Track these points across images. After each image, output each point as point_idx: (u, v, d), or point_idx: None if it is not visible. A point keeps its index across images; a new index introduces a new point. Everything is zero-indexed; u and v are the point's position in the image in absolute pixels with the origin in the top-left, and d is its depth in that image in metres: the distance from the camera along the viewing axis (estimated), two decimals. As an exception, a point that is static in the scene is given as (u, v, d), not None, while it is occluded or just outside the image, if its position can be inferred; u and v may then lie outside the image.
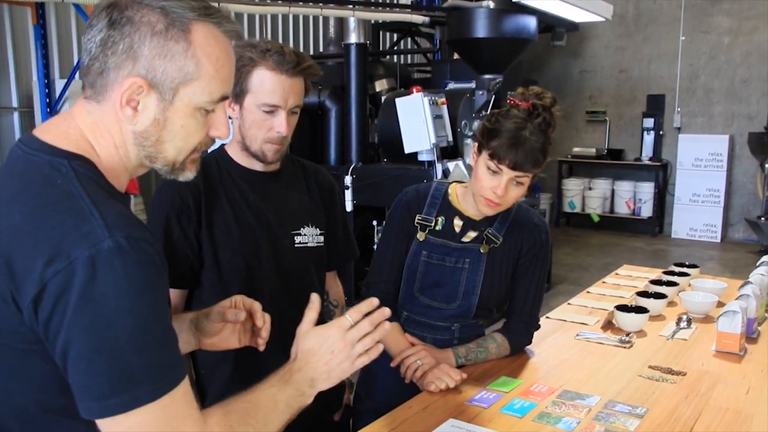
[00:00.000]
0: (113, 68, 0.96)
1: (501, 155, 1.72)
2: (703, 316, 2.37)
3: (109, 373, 0.87)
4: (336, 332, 1.18)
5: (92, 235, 0.86)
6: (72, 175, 0.93)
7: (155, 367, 0.90)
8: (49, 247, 0.85)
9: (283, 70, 1.61)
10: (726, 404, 1.69)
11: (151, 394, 0.89)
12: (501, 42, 5.58)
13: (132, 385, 0.88)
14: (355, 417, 1.97)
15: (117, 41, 0.95)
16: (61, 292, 0.84)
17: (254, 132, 1.65)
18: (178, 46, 0.96)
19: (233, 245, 1.68)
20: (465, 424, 1.56)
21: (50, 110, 5.42)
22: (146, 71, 0.96)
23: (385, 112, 5.70)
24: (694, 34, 8.88)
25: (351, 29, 5.88)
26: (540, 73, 9.76)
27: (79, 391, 0.89)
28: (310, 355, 1.16)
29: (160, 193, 1.69)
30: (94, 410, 0.88)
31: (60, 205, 0.89)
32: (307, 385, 1.14)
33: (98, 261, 0.85)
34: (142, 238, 0.90)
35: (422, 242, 1.90)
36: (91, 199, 0.90)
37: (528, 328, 1.98)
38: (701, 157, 8.74)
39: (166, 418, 0.90)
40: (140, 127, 0.99)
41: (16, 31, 5.57)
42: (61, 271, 0.84)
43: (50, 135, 0.98)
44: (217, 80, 1.01)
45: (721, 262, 7.63)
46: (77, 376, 0.88)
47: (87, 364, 0.87)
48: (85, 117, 1.00)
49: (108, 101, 0.98)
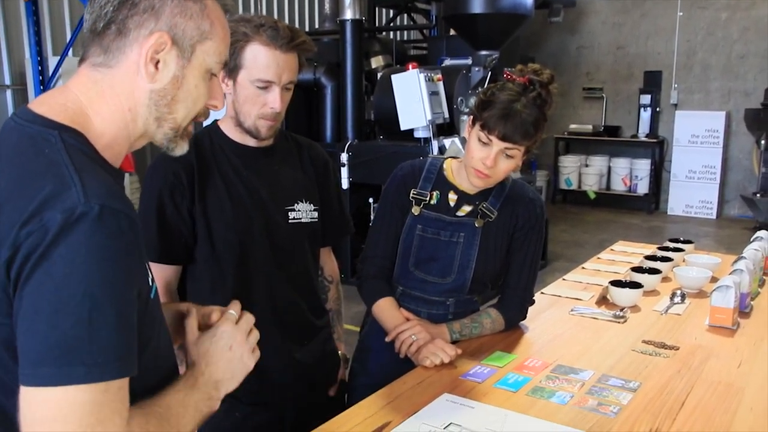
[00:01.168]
0: (134, 28, 0.97)
1: (491, 126, 1.72)
2: (697, 291, 2.38)
3: (45, 338, 0.82)
4: (228, 327, 1.14)
5: (69, 201, 0.85)
6: (60, 145, 0.92)
7: (96, 348, 0.84)
8: (28, 210, 0.85)
9: (277, 46, 1.59)
10: (718, 378, 1.70)
11: (86, 375, 0.83)
12: (497, 18, 5.54)
13: (66, 358, 0.82)
14: (350, 392, 1.99)
15: (138, 2, 0.97)
16: (29, 252, 0.83)
17: (248, 108, 1.64)
18: (195, 6, 1.00)
19: (226, 221, 1.68)
20: (459, 399, 1.57)
21: (43, 87, 5.40)
22: (168, 27, 0.99)
23: (381, 89, 5.68)
24: (692, 10, 8.83)
25: (346, 5, 5.84)
26: (537, 50, 9.71)
27: (20, 355, 0.85)
28: (208, 356, 1.11)
29: (153, 169, 1.68)
30: (27, 377, 0.83)
31: (44, 172, 0.89)
32: (213, 388, 1.09)
33: (67, 225, 0.83)
34: (120, 210, 0.88)
35: (417, 216, 1.90)
36: (75, 167, 0.89)
37: (523, 303, 1.99)
38: (698, 134, 8.73)
39: (94, 405, 0.84)
40: (159, 84, 1.01)
41: (7, 9, 5.52)
42: (34, 232, 0.83)
43: (45, 107, 0.98)
44: (225, 43, 1.06)
45: (716, 238, 7.66)
46: (20, 337, 0.85)
47: (28, 324, 0.83)
48: (88, 88, 1.00)
49: (123, 63, 0.99)
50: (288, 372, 1.78)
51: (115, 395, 0.87)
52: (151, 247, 1.64)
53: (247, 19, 1.61)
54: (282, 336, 1.76)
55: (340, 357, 1.99)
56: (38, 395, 0.83)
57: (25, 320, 0.84)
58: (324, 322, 1.91)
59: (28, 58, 5.52)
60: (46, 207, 0.84)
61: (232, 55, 1.59)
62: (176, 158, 1.63)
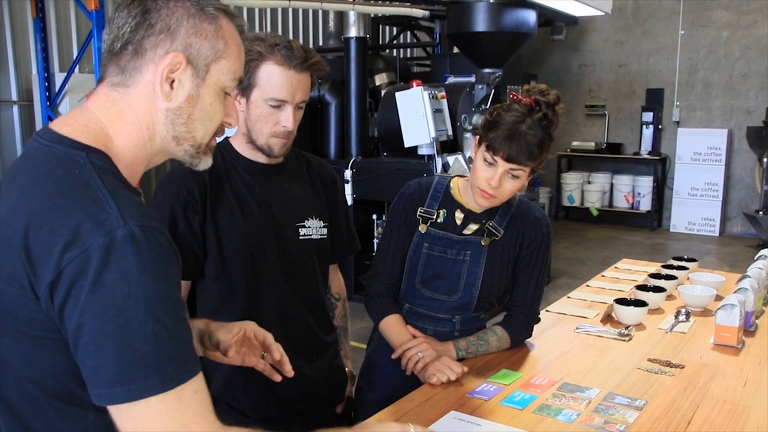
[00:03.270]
0: (150, 48, 1.00)
1: (496, 147, 1.74)
2: (702, 310, 2.39)
3: (117, 359, 0.87)
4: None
5: (108, 223, 0.88)
6: (90, 166, 0.95)
7: (164, 358, 0.89)
8: (66, 233, 0.87)
9: (292, 65, 1.61)
10: (724, 396, 1.71)
11: (159, 386, 0.88)
12: (500, 36, 5.59)
13: (140, 373, 0.88)
14: (357, 409, 1.99)
15: (154, 23, 1.00)
16: (76, 278, 0.86)
17: (260, 126, 1.66)
18: (210, 27, 1.03)
19: (238, 237, 1.69)
20: (466, 416, 1.58)
21: (50, 104, 5.43)
22: (183, 48, 1.01)
23: (384, 106, 5.71)
24: (693, 28, 8.89)
25: (351, 23, 5.88)
26: (539, 67, 9.77)
27: (89, 377, 0.89)
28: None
29: (165, 184, 1.69)
30: (103, 397, 0.89)
31: (77, 193, 0.91)
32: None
33: (112, 248, 0.86)
34: (155, 227, 0.92)
35: (424, 234, 1.92)
36: (108, 189, 0.92)
37: (528, 321, 2.00)
38: (700, 151, 8.75)
39: (174, 413, 0.90)
40: (175, 103, 1.03)
41: (15, 25, 5.56)
42: (77, 257, 0.86)
43: (68, 128, 1.00)
44: (239, 62, 1.09)
45: (719, 255, 7.66)
46: (88, 362, 0.88)
47: (97, 349, 0.87)
48: (107, 107, 1.02)
49: (140, 83, 1.02)
50: (296, 388, 1.78)
51: (192, 399, 0.91)
52: None
53: (261, 38, 1.63)
54: (290, 352, 1.75)
55: (347, 374, 1.99)
56: (129, 411, 0.89)
57: (93, 346, 0.88)
58: (332, 338, 1.91)
59: (35, 74, 5.56)
60: (86, 230, 0.87)
61: (246, 73, 1.61)
62: (189, 174, 1.67)
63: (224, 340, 1.38)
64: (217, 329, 1.40)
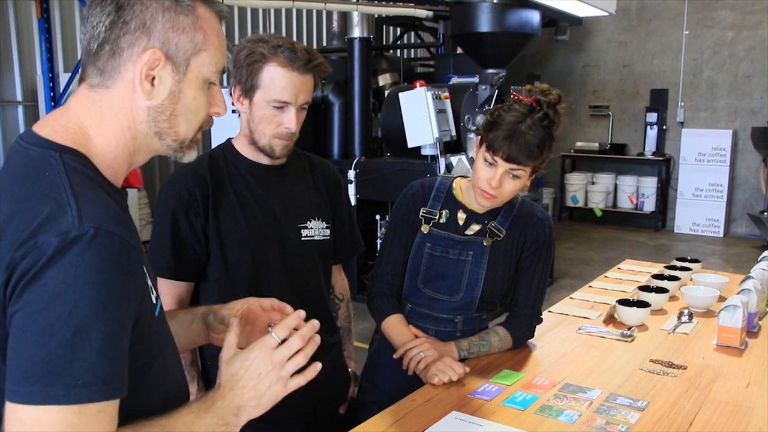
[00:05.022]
0: (127, 47, 0.98)
1: (496, 147, 1.75)
2: (705, 311, 2.39)
3: (30, 357, 0.83)
4: (261, 353, 1.09)
5: (63, 224, 0.86)
6: (60, 167, 0.93)
7: (77, 369, 0.84)
8: (24, 234, 0.86)
9: (294, 67, 1.61)
10: (726, 398, 1.71)
11: (64, 396, 0.83)
12: (504, 36, 5.58)
13: (48, 378, 0.82)
14: (359, 409, 1.99)
15: (128, 21, 0.97)
16: (23, 273, 0.84)
17: (263, 127, 1.66)
18: (187, 19, 1.00)
19: (240, 238, 1.69)
20: (468, 417, 1.58)
21: (54, 104, 5.45)
22: (161, 44, 0.99)
23: (388, 107, 5.71)
24: (698, 29, 8.87)
25: (354, 23, 5.89)
26: (543, 68, 9.76)
27: (7, 372, 0.85)
28: (234, 381, 1.07)
29: (168, 187, 1.70)
30: (10, 394, 0.84)
31: (43, 196, 0.90)
32: (232, 414, 1.05)
33: (61, 248, 0.84)
34: (115, 233, 0.88)
35: (426, 234, 1.92)
36: (73, 191, 0.90)
37: (530, 322, 2.00)
38: (704, 152, 8.73)
39: (69, 427, 0.84)
40: (156, 101, 1.01)
41: (20, 25, 5.58)
42: (29, 254, 0.84)
43: (47, 129, 0.98)
44: (221, 51, 1.06)
45: (723, 257, 7.64)
46: (9, 353, 0.85)
47: (15, 342, 0.84)
48: (87, 108, 1.00)
49: (120, 82, 1.00)
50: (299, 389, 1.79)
51: (94, 417, 0.85)
52: (165, 264, 1.66)
53: (264, 39, 1.63)
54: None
55: (350, 374, 2.00)
56: (20, 412, 0.84)
57: (13, 338, 0.85)
58: (335, 339, 1.92)
59: (39, 74, 5.58)
60: (41, 230, 0.85)
61: (249, 75, 1.61)
62: (191, 176, 1.67)
63: (228, 315, 1.31)
64: (220, 307, 1.34)
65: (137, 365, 0.94)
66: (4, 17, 5.47)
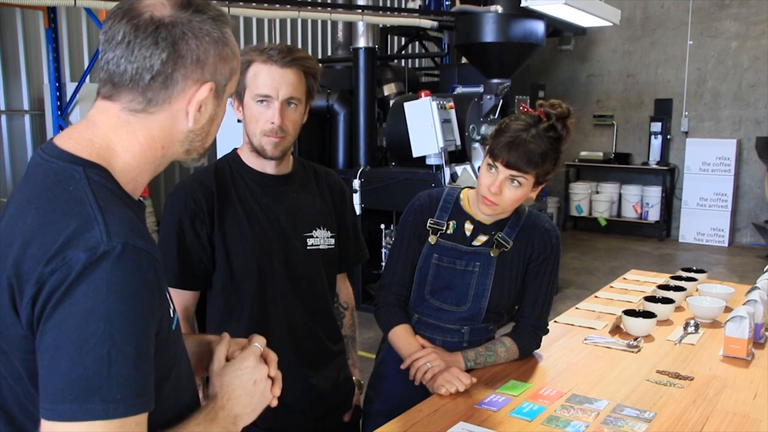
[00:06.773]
0: (181, 79, 0.99)
1: (496, 152, 1.77)
2: (711, 321, 2.38)
3: (66, 374, 0.83)
4: (252, 362, 1.14)
5: (92, 240, 0.86)
6: (84, 182, 0.93)
7: (116, 385, 0.85)
8: (52, 249, 0.86)
9: (273, 61, 1.66)
10: (733, 409, 1.70)
11: (103, 412, 0.84)
12: (509, 46, 5.60)
13: (86, 394, 0.83)
14: (365, 419, 1.99)
15: (184, 55, 0.98)
16: (53, 290, 0.85)
17: (253, 126, 1.70)
18: (227, 49, 1.04)
19: (246, 248, 1.70)
20: (475, 427, 1.58)
21: (61, 113, 5.47)
22: (212, 76, 1.02)
23: (393, 116, 5.72)
24: (702, 39, 8.88)
25: (359, 33, 5.91)
26: (548, 78, 9.78)
27: (41, 389, 0.86)
28: (230, 390, 1.11)
29: (173, 197, 1.71)
30: (47, 412, 0.84)
31: (68, 210, 0.90)
32: (231, 423, 1.09)
33: (90, 263, 0.85)
34: (141, 248, 0.90)
35: (433, 245, 1.93)
36: (99, 205, 0.91)
37: (537, 333, 2.00)
38: (709, 161, 8.73)
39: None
40: (198, 125, 1.04)
41: (27, 35, 5.62)
42: (57, 270, 0.85)
43: (71, 143, 0.98)
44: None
45: (728, 266, 7.62)
46: (41, 371, 0.86)
47: (49, 360, 0.85)
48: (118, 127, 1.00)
49: (167, 110, 1.01)
50: (304, 397, 1.80)
51: (132, 431, 0.87)
52: (171, 273, 1.67)
53: (255, 48, 1.69)
54: (298, 361, 1.78)
55: (355, 382, 2.00)
56: (59, 429, 0.84)
57: (47, 356, 0.85)
58: (340, 347, 1.92)
59: (46, 83, 5.61)
60: (69, 246, 0.86)
61: (240, 80, 1.65)
62: (197, 186, 1.69)
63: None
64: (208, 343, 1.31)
65: (156, 377, 0.95)
66: (11, 27, 5.51)
